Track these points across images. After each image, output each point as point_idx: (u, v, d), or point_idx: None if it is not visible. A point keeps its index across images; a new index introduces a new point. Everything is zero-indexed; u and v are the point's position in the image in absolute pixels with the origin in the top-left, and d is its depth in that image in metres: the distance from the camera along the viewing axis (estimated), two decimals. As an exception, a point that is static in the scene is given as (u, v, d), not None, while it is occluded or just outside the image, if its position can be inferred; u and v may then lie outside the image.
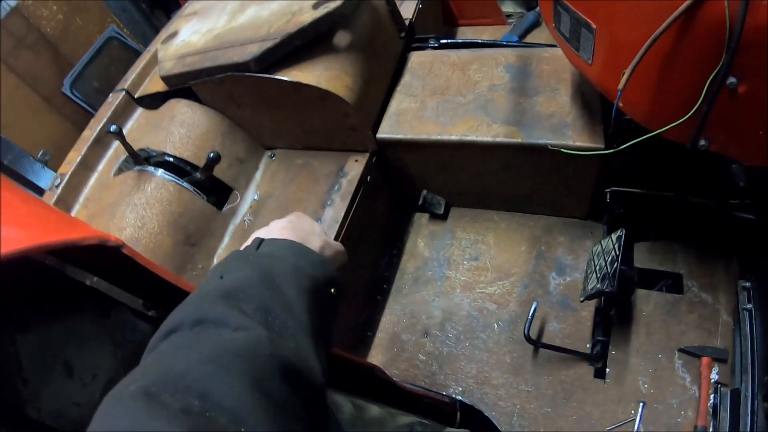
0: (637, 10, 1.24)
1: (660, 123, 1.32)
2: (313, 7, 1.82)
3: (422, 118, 1.91)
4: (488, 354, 1.88)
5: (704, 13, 1.09)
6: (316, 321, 0.73)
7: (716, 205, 1.82)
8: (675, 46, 1.19)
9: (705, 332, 1.80)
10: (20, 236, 0.69)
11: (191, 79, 1.95)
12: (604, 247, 1.79)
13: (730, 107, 1.21)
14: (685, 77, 1.23)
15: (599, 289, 1.70)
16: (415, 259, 2.10)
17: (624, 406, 1.72)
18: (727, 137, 1.32)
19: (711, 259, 1.94)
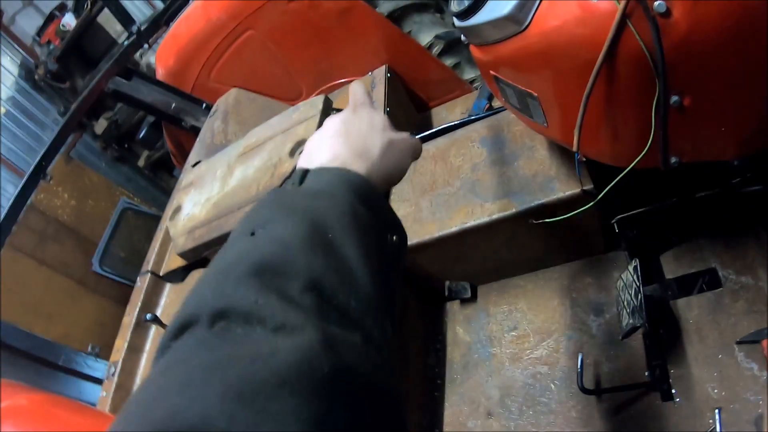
0: (565, 71, 1.36)
1: (628, 159, 1.42)
2: (290, 155, 1.99)
3: (420, 220, 2.05)
4: (554, 416, 1.94)
5: (622, 52, 1.21)
6: (385, 289, 0.58)
7: (721, 191, 1.88)
8: (610, 90, 1.30)
9: (757, 315, 1.81)
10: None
11: (204, 250, 2.13)
12: (626, 280, 1.86)
13: (684, 121, 1.30)
14: (632, 113, 1.35)
15: (632, 324, 1.75)
16: (458, 347, 2.20)
17: (701, 419, 1.73)
18: (693, 147, 1.42)
19: (738, 242, 1.97)
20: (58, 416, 0.94)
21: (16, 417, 0.89)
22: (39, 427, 0.89)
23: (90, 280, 3.64)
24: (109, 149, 4.17)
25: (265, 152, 2.12)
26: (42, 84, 4.40)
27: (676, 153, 1.44)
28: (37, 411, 0.93)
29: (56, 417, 0.93)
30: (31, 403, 0.95)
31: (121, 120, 3.99)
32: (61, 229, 3.71)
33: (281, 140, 2.09)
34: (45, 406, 0.96)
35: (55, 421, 0.92)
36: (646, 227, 2.03)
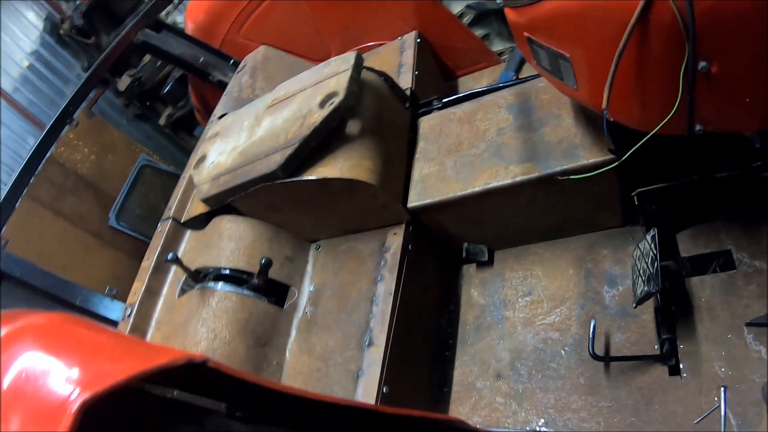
0: (598, 32, 1.43)
1: (653, 123, 1.48)
2: (320, 106, 2.07)
3: (444, 178, 2.11)
4: (562, 381, 2.00)
5: (655, 15, 1.27)
6: None
7: (741, 174, 1.92)
8: (641, 52, 1.37)
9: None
10: (118, 369, 0.77)
11: (228, 196, 2.21)
12: (643, 249, 1.91)
13: (710, 89, 1.36)
14: (661, 76, 1.40)
15: (647, 291, 1.81)
16: (472, 309, 2.26)
17: (706, 396, 1.77)
18: (718, 116, 1.48)
19: (754, 226, 2.01)
20: (78, 334, 0.94)
21: (35, 334, 0.90)
22: (59, 343, 0.88)
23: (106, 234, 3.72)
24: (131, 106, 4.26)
25: (294, 103, 2.19)
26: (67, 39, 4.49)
27: (701, 120, 1.49)
28: (56, 329, 0.93)
29: (77, 334, 0.93)
30: (50, 321, 0.95)
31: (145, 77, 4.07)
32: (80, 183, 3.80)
33: (311, 92, 2.16)
34: (65, 324, 0.95)
35: (76, 338, 0.92)
36: (665, 203, 2.07)
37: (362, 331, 1.97)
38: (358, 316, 2.01)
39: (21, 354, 0.83)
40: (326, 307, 2.12)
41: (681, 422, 1.76)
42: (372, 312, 1.98)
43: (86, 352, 0.87)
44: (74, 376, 0.77)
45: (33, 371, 0.80)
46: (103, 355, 0.85)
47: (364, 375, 1.88)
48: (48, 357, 0.82)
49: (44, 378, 0.78)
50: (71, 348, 0.87)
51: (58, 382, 0.76)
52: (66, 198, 3.75)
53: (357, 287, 2.07)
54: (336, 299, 2.11)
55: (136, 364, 0.78)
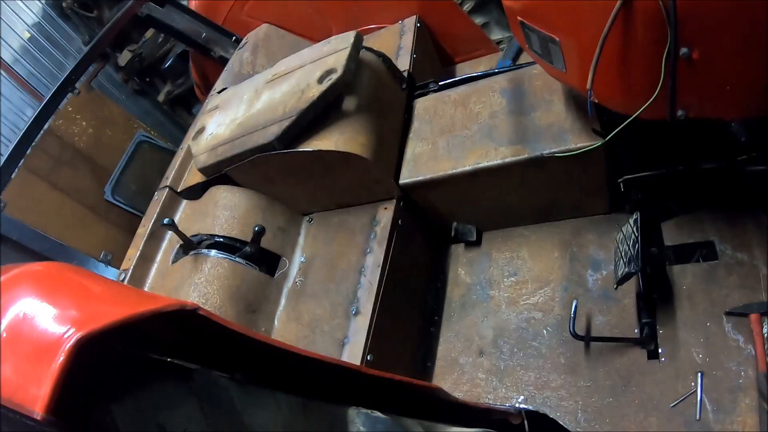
0: (585, 16, 1.52)
1: (636, 107, 1.56)
2: (318, 82, 2.15)
3: (436, 157, 2.20)
4: (543, 360, 2.09)
5: (638, 1, 1.35)
6: None
7: (727, 166, 1.99)
8: (625, 36, 1.45)
9: (748, 290, 1.93)
10: (112, 311, 0.80)
11: (225, 166, 2.29)
12: (625, 232, 1.99)
13: (692, 74, 1.45)
14: (644, 60, 1.49)
15: (627, 271, 1.89)
16: (458, 287, 2.35)
17: (683, 381, 1.85)
18: (700, 101, 1.56)
19: (738, 219, 2.10)
20: (75, 280, 0.97)
21: (33, 279, 0.92)
22: (56, 287, 0.90)
23: (101, 207, 3.78)
24: (130, 82, 4.32)
25: (293, 78, 2.27)
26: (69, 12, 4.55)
27: (683, 106, 1.58)
28: (54, 275, 0.95)
29: (73, 280, 0.96)
30: (47, 267, 0.97)
31: (145, 53, 4.14)
32: (77, 156, 3.85)
33: (311, 68, 2.25)
34: (62, 271, 0.98)
35: (72, 283, 0.95)
36: (650, 192, 2.16)
37: (350, 301, 2.05)
38: (346, 287, 2.09)
39: (19, 297, 0.86)
40: (316, 278, 2.20)
41: (657, 405, 1.84)
42: (360, 283, 2.07)
43: (82, 296, 0.91)
44: (70, 316, 0.80)
45: (30, 313, 0.83)
46: (98, 299, 0.89)
47: (349, 342, 1.97)
48: (45, 299, 0.85)
49: (41, 319, 0.81)
50: (67, 292, 0.91)
51: (55, 322, 0.79)
52: (63, 170, 3.80)
53: (346, 259, 2.15)
54: (326, 270, 2.19)
55: (130, 308, 0.82)
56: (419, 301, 2.32)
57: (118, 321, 0.75)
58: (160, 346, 1.07)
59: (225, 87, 2.75)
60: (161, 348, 1.07)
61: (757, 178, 1.99)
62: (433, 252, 2.45)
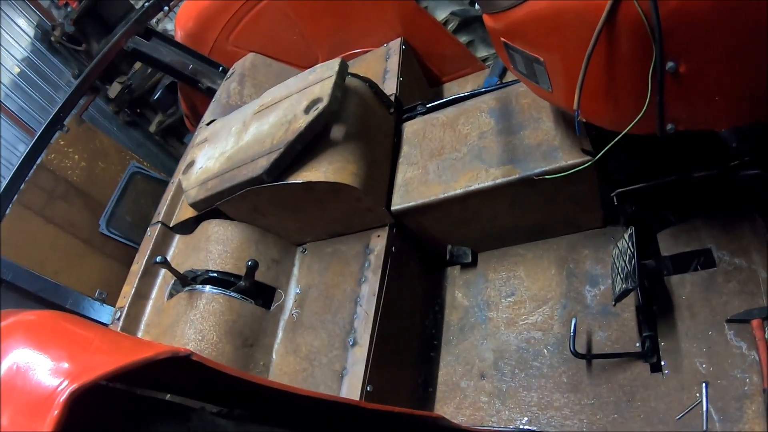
0: (568, 35, 1.51)
1: (625, 123, 1.56)
2: (305, 112, 2.15)
3: (427, 182, 2.19)
4: (545, 379, 2.07)
5: (621, 18, 1.35)
6: None
7: (719, 173, 1.99)
8: (609, 53, 1.45)
9: (748, 296, 1.92)
10: (106, 361, 0.80)
11: (216, 200, 2.29)
12: (621, 248, 1.99)
13: (679, 88, 1.44)
14: (630, 76, 1.48)
15: (625, 288, 1.88)
16: (456, 310, 2.34)
17: (688, 392, 1.83)
18: (688, 114, 1.55)
19: (734, 225, 2.08)
20: (68, 329, 0.97)
21: (26, 329, 0.93)
22: (49, 338, 0.91)
23: (96, 240, 3.79)
24: (121, 113, 4.33)
25: (280, 109, 2.27)
26: (57, 46, 4.58)
27: (672, 120, 1.57)
28: (47, 324, 0.96)
29: (66, 330, 0.97)
30: (41, 317, 0.98)
31: (135, 84, 4.16)
32: (71, 190, 3.87)
33: (297, 98, 2.25)
34: (55, 320, 0.99)
35: (66, 333, 0.95)
36: (644, 203, 2.15)
37: (347, 332, 2.04)
38: (343, 317, 2.08)
39: (13, 349, 0.87)
40: (312, 309, 2.19)
41: (663, 418, 1.83)
42: (356, 312, 2.06)
43: (75, 346, 0.92)
44: (63, 368, 0.81)
45: (24, 365, 0.84)
46: (91, 349, 0.89)
47: (348, 374, 1.95)
48: (38, 351, 0.86)
49: (35, 370, 0.82)
50: (61, 342, 0.91)
51: (48, 374, 0.80)
52: (57, 204, 3.83)
53: (341, 289, 2.14)
54: (321, 301, 2.18)
55: (123, 357, 0.83)
56: (417, 327, 2.31)
57: (111, 372, 0.76)
58: (160, 386, 1.10)
59: (213, 119, 2.75)
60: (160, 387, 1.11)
61: (751, 182, 1.99)
62: (429, 276, 2.44)
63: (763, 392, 1.74)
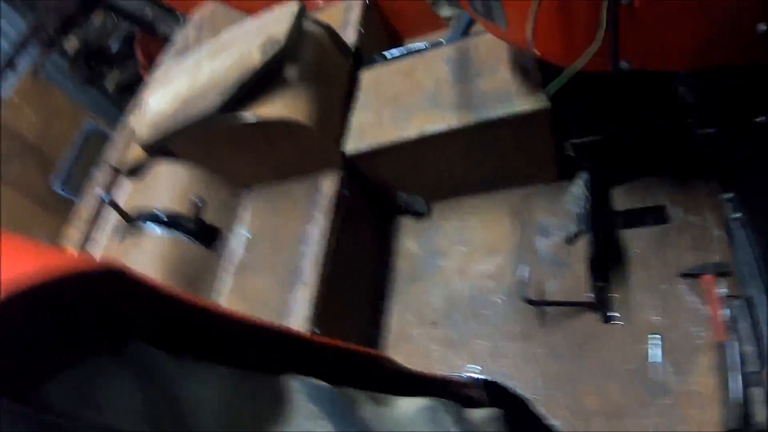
0: None
1: (577, 58, 1.53)
2: (260, 50, 2.11)
3: (381, 126, 2.17)
4: (497, 328, 2.06)
5: None
6: None
7: (676, 129, 2.01)
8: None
9: (701, 252, 1.95)
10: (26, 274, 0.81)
11: (166, 140, 2.24)
12: (575, 193, 1.99)
13: (634, 23, 1.42)
14: (583, 9, 1.46)
15: (578, 230, 1.88)
16: (408, 259, 2.33)
17: (640, 343, 1.85)
18: (643, 52, 1.54)
19: (689, 183, 2.11)
20: None
21: None
22: None
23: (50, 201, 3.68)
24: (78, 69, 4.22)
25: (235, 48, 2.23)
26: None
27: (626, 56, 1.56)
28: None
29: None
30: None
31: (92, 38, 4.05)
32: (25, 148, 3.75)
33: (253, 38, 2.21)
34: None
35: None
36: (600, 156, 2.16)
37: (293, 273, 2.00)
38: (290, 258, 2.04)
39: None
40: (259, 251, 2.15)
41: (615, 369, 1.84)
42: (303, 253, 2.02)
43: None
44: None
45: None
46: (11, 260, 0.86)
47: (293, 315, 1.92)
48: None
49: None
50: None
51: None
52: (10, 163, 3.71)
53: (290, 230, 2.11)
54: (269, 243, 2.14)
55: (48, 268, 0.76)
56: (368, 275, 2.29)
57: (32, 285, 0.62)
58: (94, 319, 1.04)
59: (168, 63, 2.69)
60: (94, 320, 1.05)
61: (707, 140, 2.01)
62: (382, 225, 2.42)
63: (715, 345, 1.77)
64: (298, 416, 0.98)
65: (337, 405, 0.99)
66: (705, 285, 1.89)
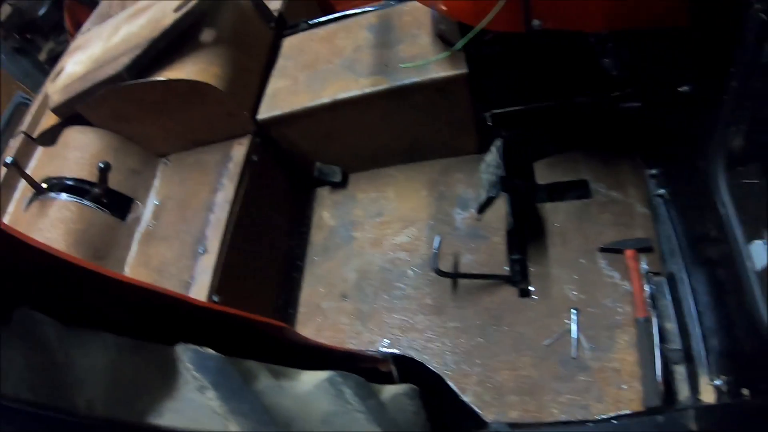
0: None
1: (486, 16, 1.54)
2: (174, 11, 2.09)
3: (296, 92, 2.17)
4: (408, 301, 2.06)
5: None
6: None
7: (599, 102, 2.01)
8: None
9: (622, 227, 1.96)
10: None
11: (76, 102, 2.20)
12: (489, 160, 1.98)
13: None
14: None
15: (487, 196, 1.86)
16: (322, 230, 2.32)
17: (557, 318, 1.85)
18: (556, 11, 1.55)
19: (613, 159, 2.12)
20: None
21: None
22: None
23: (-24, 175, 3.60)
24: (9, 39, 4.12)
25: (152, 11, 2.21)
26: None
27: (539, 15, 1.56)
28: None
29: None
30: None
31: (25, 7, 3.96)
32: (-49, 121, 3.66)
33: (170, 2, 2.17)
34: None
35: None
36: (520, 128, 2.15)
37: (198, 240, 1.99)
38: (196, 226, 2.02)
39: None
40: (167, 219, 2.12)
41: (531, 344, 1.83)
42: (209, 220, 2.00)
43: None
44: None
45: None
46: None
47: (195, 283, 1.90)
48: None
49: None
50: None
51: None
52: (-65, 137, 3.61)
53: (198, 198, 2.09)
54: (177, 211, 2.12)
55: None
56: (281, 246, 2.27)
57: None
58: None
59: (90, 28, 2.64)
60: None
61: (631, 115, 2.01)
62: (297, 195, 2.41)
63: (635, 321, 1.77)
64: (185, 386, 0.95)
65: (227, 376, 0.97)
66: (626, 261, 1.89)
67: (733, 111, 1.36)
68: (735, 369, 1.50)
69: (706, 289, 1.66)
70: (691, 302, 1.71)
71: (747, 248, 1.35)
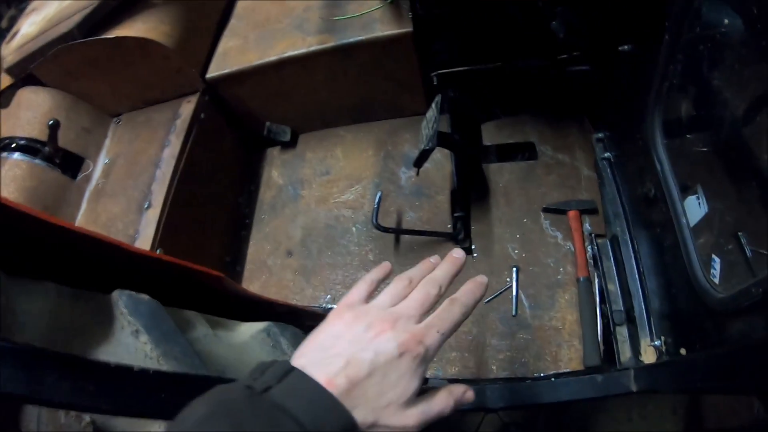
0: None
1: None
2: (127, -30, 2.19)
3: (245, 50, 2.28)
4: (351, 257, 2.17)
5: None
6: None
7: (547, 65, 2.10)
8: None
9: (568, 189, 2.07)
10: None
11: (29, 62, 2.31)
12: (428, 116, 2.06)
13: None
14: None
15: (423, 149, 1.95)
16: (270, 189, 2.44)
17: (498, 276, 1.96)
18: None
19: (561, 122, 2.23)
20: None
21: None
22: None
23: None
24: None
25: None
26: None
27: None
28: None
29: None
30: None
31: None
32: None
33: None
34: None
35: None
36: (467, 89, 2.23)
37: (144, 195, 2.09)
38: (143, 182, 2.13)
39: None
40: (116, 177, 2.24)
41: None
42: (155, 176, 2.09)
43: None
44: None
45: None
46: None
47: (139, 237, 2.00)
48: None
49: None
50: None
51: None
52: None
53: (146, 154, 2.19)
54: (126, 168, 2.23)
55: None
56: (230, 204, 2.39)
57: None
58: None
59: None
60: None
61: (579, 78, 2.10)
62: (248, 154, 2.53)
63: (577, 281, 1.85)
64: (120, 331, 1.03)
65: (160, 320, 1.04)
66: (569, 222, 1.99)
67: (666, 65, 1.45)
68: (674, 329, 1.58)
69: (648, 251, 1.76)
70: (633, 264, 1.80)
71: (682, 204, 1.45)
